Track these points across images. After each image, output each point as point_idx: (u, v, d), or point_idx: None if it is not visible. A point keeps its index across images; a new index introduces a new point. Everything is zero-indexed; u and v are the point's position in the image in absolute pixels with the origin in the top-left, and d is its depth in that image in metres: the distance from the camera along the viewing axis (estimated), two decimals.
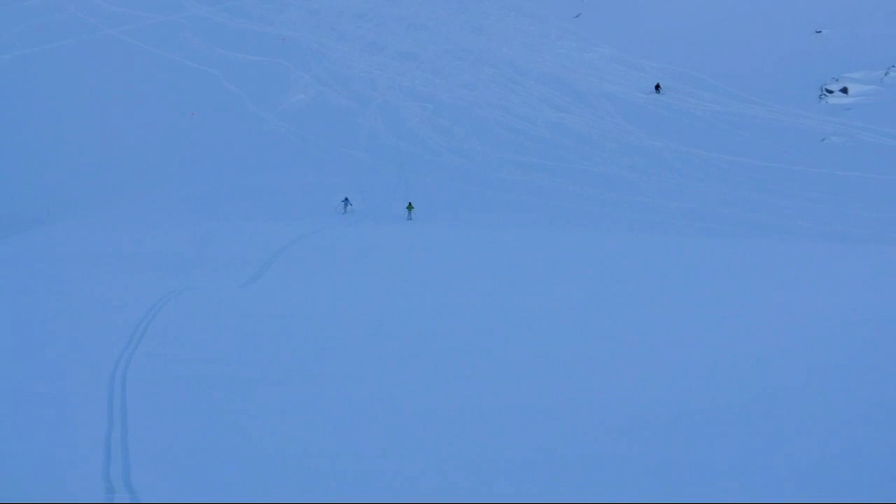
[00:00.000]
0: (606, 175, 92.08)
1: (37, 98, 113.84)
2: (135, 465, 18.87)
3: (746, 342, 31.50)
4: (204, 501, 17.20)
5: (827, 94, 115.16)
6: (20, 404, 23.08)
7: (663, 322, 35.06)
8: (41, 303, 37.77)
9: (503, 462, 19.51)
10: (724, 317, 36.19)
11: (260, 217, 69.80)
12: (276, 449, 20.12)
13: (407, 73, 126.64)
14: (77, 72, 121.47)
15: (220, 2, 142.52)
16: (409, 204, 72.95)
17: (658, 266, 50.31)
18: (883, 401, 24.17)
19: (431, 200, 79.99)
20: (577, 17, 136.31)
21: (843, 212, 77.50)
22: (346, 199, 74.06)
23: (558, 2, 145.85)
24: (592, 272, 47.84)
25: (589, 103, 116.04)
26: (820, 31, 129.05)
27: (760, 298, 40.70)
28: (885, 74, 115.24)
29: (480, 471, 19.02)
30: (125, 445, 20.04)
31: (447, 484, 18.28)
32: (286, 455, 19.76)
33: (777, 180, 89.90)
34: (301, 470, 18.90)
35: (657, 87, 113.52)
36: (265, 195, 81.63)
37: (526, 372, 27.31)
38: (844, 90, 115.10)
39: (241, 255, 52.20)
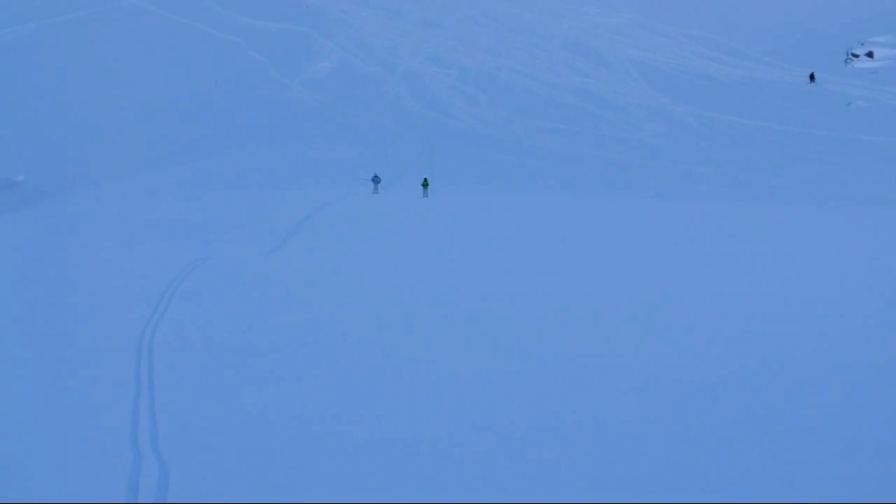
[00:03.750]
0: (631, 140, 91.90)
1: (60, 67, 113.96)
2: (162, 430, 19.04)
3: (771, 307, 31.46)
4: (228, 465, 17.37)
5: (853, 58, 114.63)
6: (49, 371, 23.30)
7: (688, 287, 35.02)
8: (69, 271, 38.00)
9: (525, 427, 19.59)
10: (749, 282, 36.11)
11: (284, 185, 69.83)
12: (299, 414, 20.26)
13: (430, 39, 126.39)
14: (100, 41, 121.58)
15: None
16: (425, 180, 66.85)
17: (684, 231, 50.18)
18: None
19: (456, 167, 79.95)
20: None
21: (870, 176, 77.19)
22: (376, 175, 69.51)
23: None
24: (618, 238, 47.76)
25: (613, 69, 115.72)
26: None
27: (785, 263, 40.60)
28: None
29: (503, 435, 19.10)
30: (153, 410, 20.22)
31: (471, 450, 18.37)
32: (309, 420, 19.90)
33: (802, 145, 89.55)
34: (324, 435, 19.03)
35: (811, 76, 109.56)
36: (290, 163, 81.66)
37: (547, 337, 27.35)
38: (870, 54, 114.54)
39: (266, 222, 52.30)
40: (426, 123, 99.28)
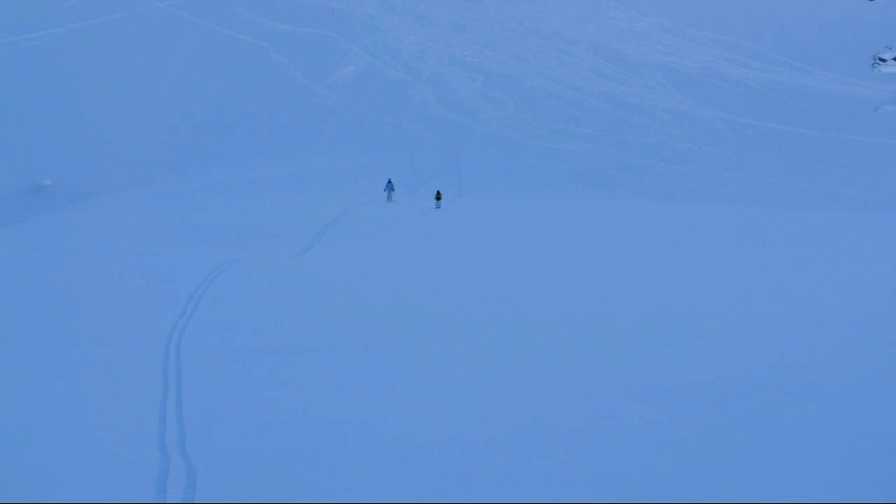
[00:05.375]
0: (658, 145, 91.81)
1: (87, 72, 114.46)
2: (189, 433, 19.13)
3: (792, 311, 31.42)
4: (255, 466, 17.45)
5: (880, 62, 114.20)
6: (78, 372, 23.42)
7: (711, 291, 34.99)
8: (98, 274, 38.18)
9: (542, 429, 19.61)
10: (773, 286, 36.07)
11: (310, 189, 70.03)
12: (324, 416, 20.33)
13: (457, 44, 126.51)
14: (127, 45, 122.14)
15: None
16: (438, 193, 63.76)
17: (709, 236, 50.15)
18: None
19: (482, 171, 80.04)
20: None
21: None
22: (390, 182, 67.37)
23: None
24: (642, 242, 47.75)
25: (640, 73, 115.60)
26: None
27: (810, 267, 40.53)
28: None
29: (519, 437, 19.13)
30: (180, 412, 20.33)
31: (490, 452, 18.41)
32: (335, 422, 19.96)
33: (829, 149, 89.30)
34: (348, 437, 19.09)
35: None
36: (316, 167, 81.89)
37: (566, 341, 27.37)
38: None
39: (292, 226, 52.50)
40: (452, 128, 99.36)
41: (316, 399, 21.54)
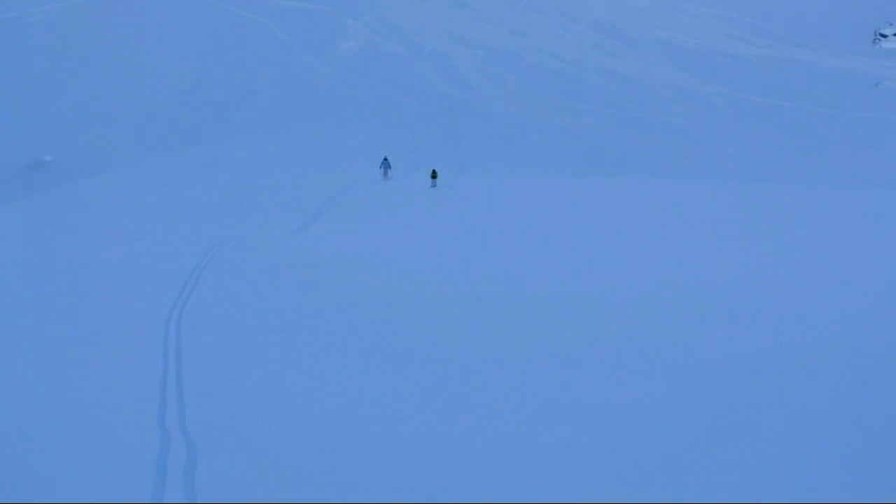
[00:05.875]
0: (658, 121, 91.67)
1: (87, 47, 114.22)
2: (189, 411, 19.20)
3: (797, 289, 31.44)
4: (255, 445, 17.51)
5: (881, 38, 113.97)
6: (76, 351, 23.47)
7: (715, 269, 35.02)
8: (96, 251, 38.24)
9: (549, 409, 19.65)
10: (776, 264, 36.07)
11: (311, 166, 70.01)
12: (325, 394, 20.37)
13: (457, 20, 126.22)
14: (127, 21, 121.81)
15: None
16: (434, 172, 62.74)
17: (712, 213, 50.15)
18: None
19: (482, 148, 79.94)
20: None
21: None
22: (386, 159, 66.29)
23: None
24: (644, 220, 47.75)
25: (640, 49, 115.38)
26: None
27: (813, 245, 40.54)
28: None
29: (526, 417, 19.17)
30: (180, 391, 20.39)
31: (494, 432, 18.45)
32: (336, 401, 20.00)
33: (830, 126, 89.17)
34: (349, 416, 19.14)
35: None
36: (316, 144, 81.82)
37: (572, 321, 27.39)
38: None
39: (292, 204, 52.52)
40: (453, 104, 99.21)
41: (315, 376, 21.59)
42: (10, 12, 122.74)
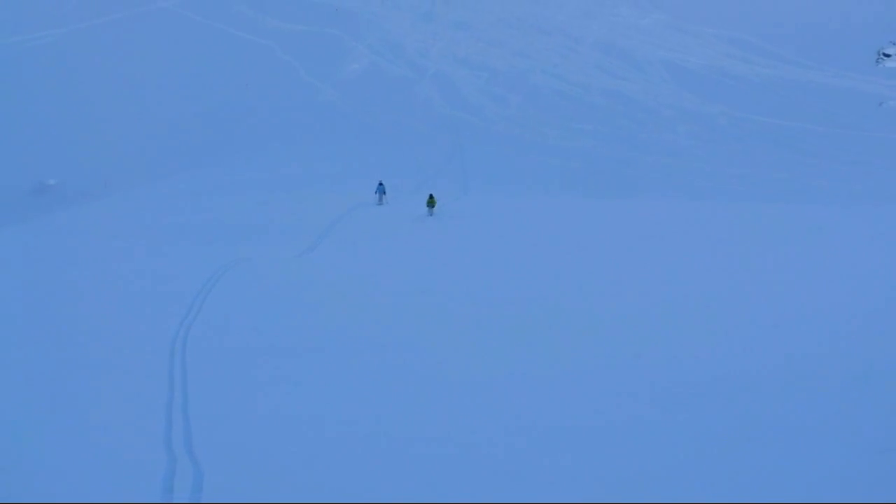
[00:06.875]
0: (662, 141, 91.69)
1: (91, 71, 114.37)
2: (195, 432, 19.19)
3: (799, 307, 31.41)
4: (261, 466, 17.49)
5: (885, 57, 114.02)
6: (82, 374, 23.47)
7: (718, 288, 35.01)
8: (102, 274, 38.26)
9: (550, 428, 19.65)
10: (779, 282, 36.06)
11: (316, 188, 70.03)
12: (331, 415, 20.38)
13: (461, 42, 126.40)
14: (131, 45, 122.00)
15: None
16: (431, 197, 59.30)
17: (715, 233, 50.11)
18: None
19: (487, 169, 79.97)
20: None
21: None
22: (381, 184, 64.13)
23: None
24: (647, 241, 47.73)
25: (644, 70, 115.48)
26: None
27: (816, 263, 40.52)
28: None
29: (529, 435, 19.17)
30: (186, 413, 20.38)
31: (499, 450, 18.46)
32: (342, 421, 20.03)
33: (834, 145, 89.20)
34: (355, 436, 19.15)
35: None
36: (321, 166, 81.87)
37: (574, 339, 27.41)
38: None
39: (297, 225, 52.52)
40: (457, 125, 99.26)
41: (321, 398, 21.60)
42: (15, 36, 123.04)
